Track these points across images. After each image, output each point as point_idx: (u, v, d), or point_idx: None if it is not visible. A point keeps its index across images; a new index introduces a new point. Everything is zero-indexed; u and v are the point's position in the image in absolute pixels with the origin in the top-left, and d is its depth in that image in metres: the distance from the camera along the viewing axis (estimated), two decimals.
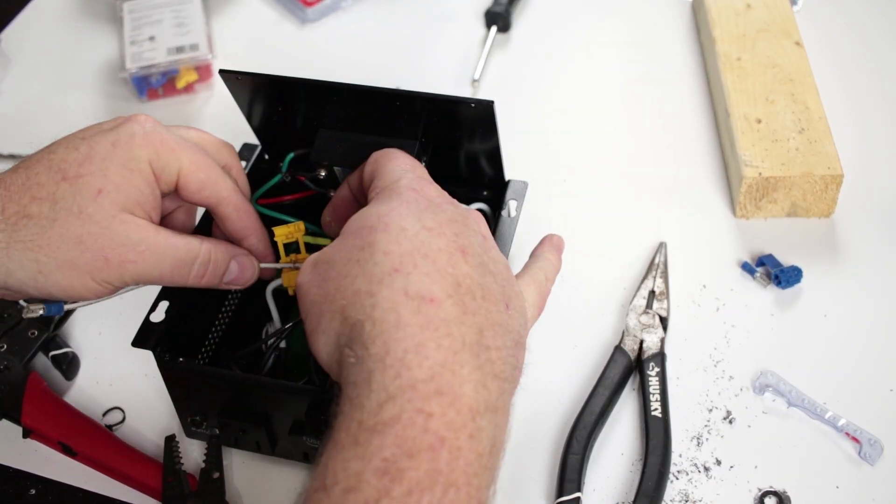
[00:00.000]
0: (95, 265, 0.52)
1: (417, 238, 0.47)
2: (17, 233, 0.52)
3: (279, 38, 0.97)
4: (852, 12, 0.94)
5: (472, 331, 0.45)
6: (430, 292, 0.45)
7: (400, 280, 0.45)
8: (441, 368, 0.43)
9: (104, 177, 0.53)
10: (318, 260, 0.50)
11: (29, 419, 0.65)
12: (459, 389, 0.43)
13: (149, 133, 0.55)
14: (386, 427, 0.41)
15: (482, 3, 0.96)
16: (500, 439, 0.45)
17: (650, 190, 0.80)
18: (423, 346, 0.43)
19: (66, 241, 0.52)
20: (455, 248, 0.48)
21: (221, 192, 0.58)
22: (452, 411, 0.42)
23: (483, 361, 0.45)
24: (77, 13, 1.02)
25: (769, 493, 0.62)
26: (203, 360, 0.66)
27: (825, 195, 0.75)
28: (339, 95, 0.62)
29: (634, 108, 0.88)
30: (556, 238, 0.62)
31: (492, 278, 0.49)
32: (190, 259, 0.56)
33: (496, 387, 0.45)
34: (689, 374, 0.68)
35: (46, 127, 0.90)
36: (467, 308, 0.46)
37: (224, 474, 0.63)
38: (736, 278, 0.73)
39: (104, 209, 0.52)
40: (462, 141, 0.64)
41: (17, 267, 0.52)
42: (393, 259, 0.46)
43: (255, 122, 0.68)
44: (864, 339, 0.69)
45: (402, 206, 0.49)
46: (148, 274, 0.54)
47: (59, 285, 0.53)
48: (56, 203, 0.52)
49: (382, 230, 0.48)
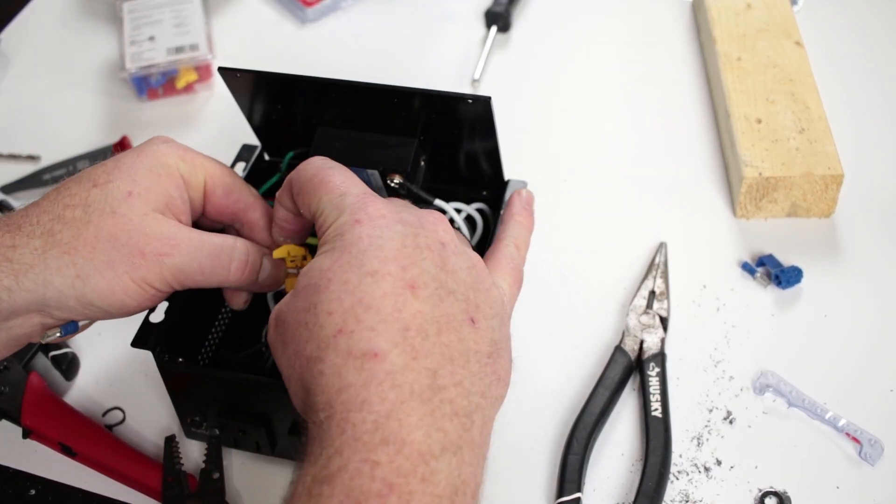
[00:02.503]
0: (133, 262, 0.52)
1: (360, 289, 0.46)
2: (53, 237, 0.52)
3: (279, 38, 0.97)
4: (852, 12, 0.94)
5: (423, 375, 0.45)
6: (374, 347, 0.45)
7: (343, 341, 0.45)
8: (385, 420, 0.43)
9: (133, 181, 0.54)
10: (277, 319, 0.50)
11: (29, 419, 0.65)
12: (408, 436, 0.43)
13: (171, 144, 0.57)
14: (333, 477, 0.42)
15: (482, 3, 0.96)
16: (470, 476, 0.45)
17: (650, 190, 0.80)
18: (367, 402, 0.44)
19: (101, 241, 0.52)
20: (402, 286, 0.47)
21: (248, 198, 0.60)
22: (401, 458, 0.42)
23: (436, 404, 0.44)
24: (77, 13, 1.02)
25: (769, 494, 0.62)
26: (203, 360, 0.66)
27: (825, 195, 0.75)
28: (338, 92, 0.62)
29: (634, 107, 0.88)
30: (525, 194, 0.61)
31: (451, 299, 0.48)
32: (228, 249, 0.56)
33: (455, 425, 0.45)
34: (689, 375, 0.68)
35: (46, 127, 0.91)
36: (417, 352, 0.45)
37: (224, 475, 0.63)
38: (736, 278, 0.73)
39: (135, 208, 0.53)
40: (461, 139, 0.64)
41: (54, 274, 0.52)
42: (336, 319, 0.46)
43: (255, 120, 0.68)
44: (865, 339, 0.69)
45: (344, 255, 0.48)
46: (187, 267, 0.54)
47: (99, 289, 0.52)
48: (88, 206, 0.53)
49: (325, 288, 0.47)
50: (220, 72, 0.63)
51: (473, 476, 0.45)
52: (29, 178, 0.85)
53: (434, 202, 0.65)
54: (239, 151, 0.70)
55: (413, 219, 0.50)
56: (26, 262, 0.51)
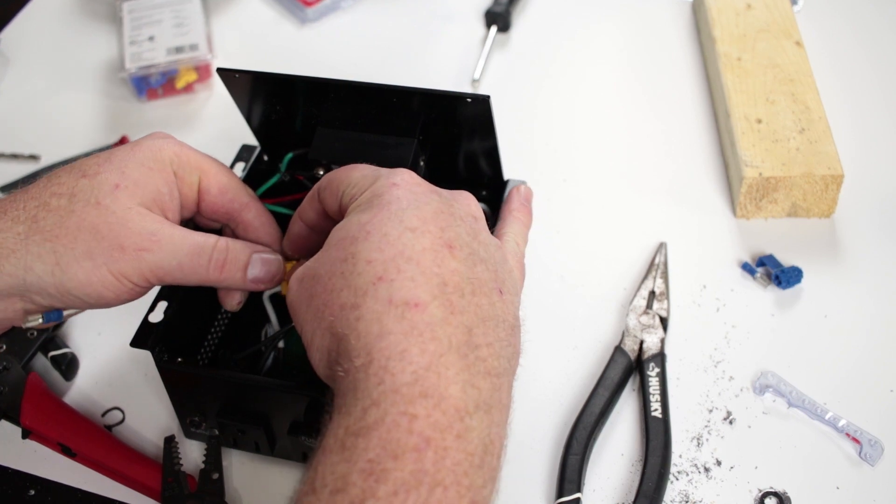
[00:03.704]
0: (111, 255, 0.53)
1: (400, 241, 0.47)
2: (37, 224, 0.52)
3: (279, 38, 0.97)
4: (852, 12, 0.94)
5: (460, 331, 0.45)
6: (415, 297, 0.45)
7: (384, 288, 0.45)
8: (425, 372, 0.43)
9: (122, 173, 0.54)
10: (304, 276, 0.50)
11: (28, 420, 0.64)
12: (445, 391, 0.43)
13: (168, 140, 0.57)
14: (370, 430, 0.42)
15: (482, 3, 0.96)
16: (497, 436, 0.45)
17: (650, 190, 0.80)
18: (407, 351, 0.43)
19: (82, 231, 0.52)
20: (441, 244, 0.47)
21: (244, 198, 0.59)
22: (438, 412, 0.42)
23: (472, 361, 0.45)
24: (76, 13, 1.02)
25: (769, 494, 0.61)
26: (202, 360, 0.66)
27: (825, 195, 0.75)
28: (337, 92, 0.62)
29: (634, 107, 0.87)
30: (523, 189, 0.62)
31: (483, 267, 0.49)
32: (207, 248, 0.56)
33: (488, 384, 0.45)
34: (689, 375, 0.68)
35: (46, 127, 0.91)
36: (454, 308, 0.46)
37: (223, 475, 0.63)
38: (736, 278, 0.73)
39: (120, 201, 0.53)
40: (460, 139, 0.64)
41: (35, 259, 0.52)
42: (376, 267, 0.46)
43: (253, 121, 0.68)
44: (865, 339, 0.69)
45: (383, 211, 0.49)
46: (165, 263, 0.54)
47: (77, 278, 0.53)
48: (74, 196, 0.53)
49: (364, 238, 0.47)
50: (218, 72, 0.63)
51: (500, 437, 0.45)
52: (28, 178, 0.85)
53: None
54: (238, 152, 0.70)
55: (446, 193, 0.52)
56: (9, 246, 0.52)
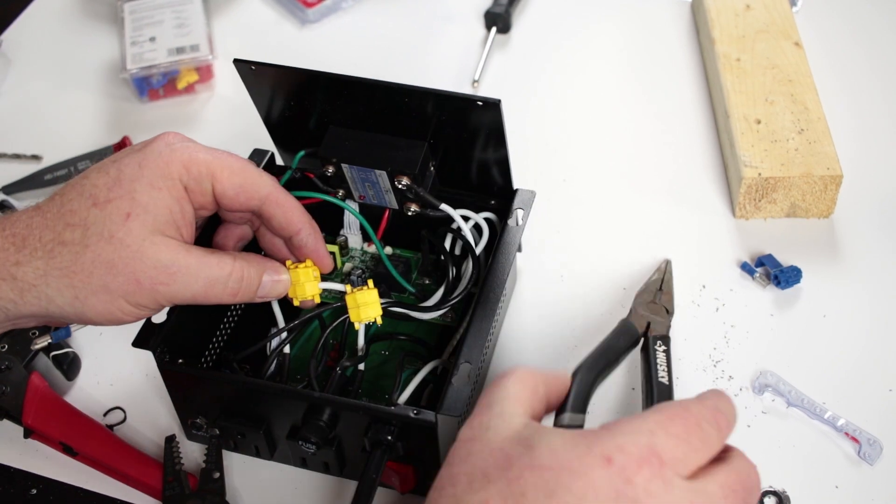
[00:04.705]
0: (128, 289, 0.53)
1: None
2: (54, 260, 0.53)
3: (279, 38, 0.97)
4: (852, 12, 0.94)
5: None
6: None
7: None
8: None
9: (132, 200, 0.54)
10: None
11: (30, 419, 0.65)
12: None
13: (176, 149, 0.56)
14: None
15: (482, 4, 0.96)
16: None
17: (650, 190, 0.80)
18: None
19: (98, 267, 0.53)
20: None
21: (262, 192, 0.58)
22: None
23: None
24: (77, 14, 1.02)
25: (769, 493, 0.62)
26: (207, 363, 0.66)
27: (824, 195, 0.75)
28: (351, 90, 0.62)
29: (634, 108, 0.88)
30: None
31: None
32: (223, 277, 0.56)
33: None
34: (688, 375, 0.68)
35: (48, 127, 0.91)
36: None
37: (224, 474, 0.63)
38: (735, 278, 0.73)
39: (133, 233, 0.53)
40: (470, 144, 0.63)
41: (55, 293, 0.53)
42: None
43: (267, 115, 0.67)
44: (864, 339, 0.69)
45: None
46: (181, 294, 0.55)
47: (96, 309, 0.54)
48: (88, 229, 0.53)
49: None
50: (235, 64, 0.63)
51: None
52: (30, 179, 0.85)
53: (440, 206, 0.65)
54: (249, 155, 0.70)
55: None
56: (29, 280, 0.53)
